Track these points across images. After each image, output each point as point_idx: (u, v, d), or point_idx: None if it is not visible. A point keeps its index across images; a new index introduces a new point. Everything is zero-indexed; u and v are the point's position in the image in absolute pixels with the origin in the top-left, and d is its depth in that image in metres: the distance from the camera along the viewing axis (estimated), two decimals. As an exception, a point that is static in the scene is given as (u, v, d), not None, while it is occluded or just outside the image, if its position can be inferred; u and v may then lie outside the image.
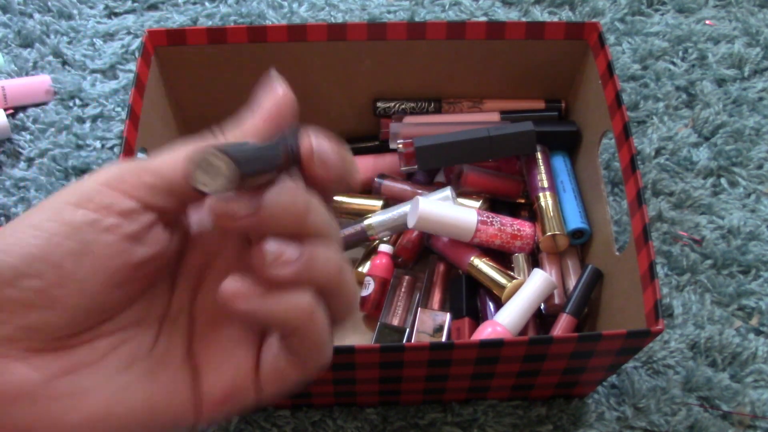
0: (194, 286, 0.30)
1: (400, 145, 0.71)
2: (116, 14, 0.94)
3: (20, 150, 0.81)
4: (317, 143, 0.28)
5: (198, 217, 0.30)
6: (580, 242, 0.71)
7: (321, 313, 0.27)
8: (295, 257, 0.26)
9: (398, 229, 0.71)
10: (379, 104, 0.77)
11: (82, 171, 0.79)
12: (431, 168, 0.74)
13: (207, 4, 0.94)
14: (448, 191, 0.70)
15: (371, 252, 0.74)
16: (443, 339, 0.66)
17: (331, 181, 0.28)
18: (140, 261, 0.27)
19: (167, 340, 0.29)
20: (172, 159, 0.27)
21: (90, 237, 0.26)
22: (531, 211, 0.73)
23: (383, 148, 0.77)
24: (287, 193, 0.27)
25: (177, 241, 0.29)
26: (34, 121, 0.83)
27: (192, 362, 0.29)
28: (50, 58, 0.89)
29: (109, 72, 0.88)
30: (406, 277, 0.71)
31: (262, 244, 0.26)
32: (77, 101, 0.85)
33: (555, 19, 0.93)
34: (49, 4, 0.93)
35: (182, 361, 0.29)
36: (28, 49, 0.89)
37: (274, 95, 0.30)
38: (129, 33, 0.91)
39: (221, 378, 0.28)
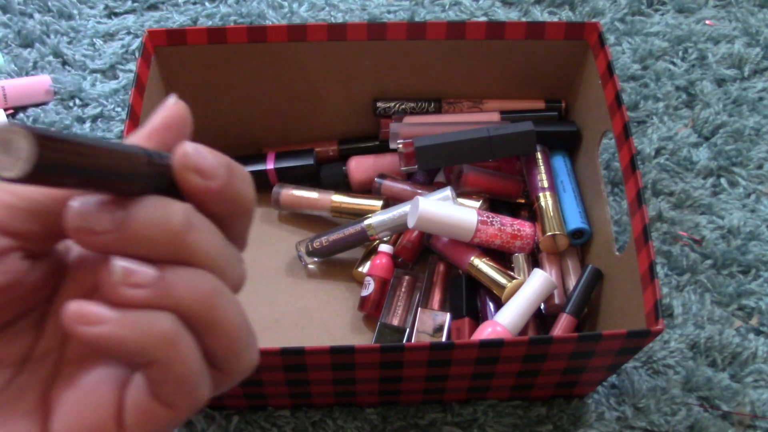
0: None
1: (400, 145, 0.71)
2: (116, 14, 0.94)
3: (20, 150, 0.81)
4: (193, 149, 0.24)
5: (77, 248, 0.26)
6: (580, 242, 0.71)
7: (187, 344, 0.24)
8: (151, 278, 0.23)
9: (398, 229, 0.71)
10: (379, 104, 0.77)
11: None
12: (431, 168, 0.74)
13: (207, 4, 0.94)
14: (448, 191, 0.70)
15: (371, 252, 0.74)
16: (443, 339, 0.66)
17: (215, 195, 0.24)
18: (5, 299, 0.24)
19: (25, 381, 0.25)
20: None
21: None
22: (531, 211, 0.73)
23: (383, 148, 0.77)
24: (158, 207, 0.23)
25: (42, 273, 0.25)
26: (34, 121, 0.83)
27: (48, 405, 0.25)
28: (50, 58, 0.89)
29: (109, 72, 0.88)
30: (406, 277, 0.71)
31: (108, 262, 0.23)
32: (77, 101, 0.85)
33: (555, 19, 0.93)
34: (49, 4, 0.93)
35: (37, 403, 0.25)
36: (28, 49, 0.89)
37: (165, 108, 0.26)
38: (129, 33, 0.91)
39: (74, 421, 0.24)
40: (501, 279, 0.67)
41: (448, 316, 0.67)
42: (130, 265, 0.23)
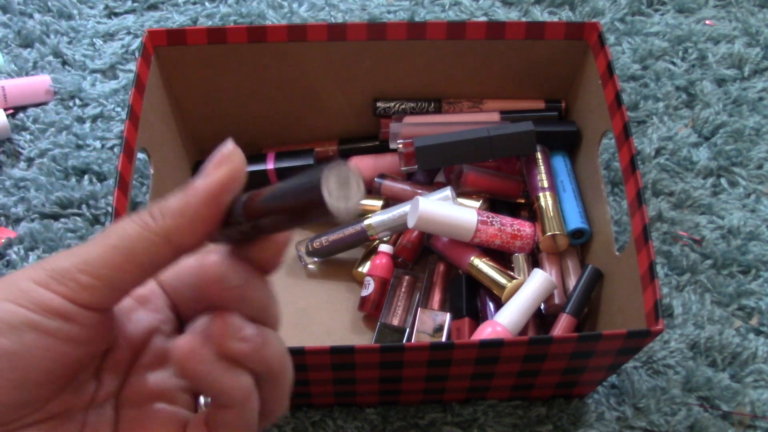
0: (123, 374, 0.29)
1: (400, 145, 0.71)
2: (116, 14, 0.94)
3: (20, 150, 0.81)
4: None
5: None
6: (580, 242, 0.71)
7: (256, 400, 0.28)
8: (252, 336, 0.27)
9: (398, 229, 0.71)
10: (379, 104, 0.77)
11: (82, 171, 0.79)
12: (431, 168, 0.74)
13: (207, 4, 0.94)
14: (448, 191, 0.70)
15: (371, 252, 0.74)
16: (443, 339, 0.66)
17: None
18: (78, 359, 0.27)
19: (94, 426, 0.28)
20: (108, 251, 0.26)
21: (28, 338, 0.25)
22: (531, 211, 0.73)
23: (383, 148, 0.77)
24: (268, 281, 0.28)
25: (106, 329, 0.28)
26: (34, 121, 0.83)
27: None
28: (50, 58, 0.89)
29: (109, 72, 0.88)
30: (406, 277, 0.71)
31: (227, 315, 0.27)
32: (77, 101, 0.85)
33: (555, 19, 0.93)
34: (49, 4, 0.93)
35: None
36: (28, 49, 0.89)
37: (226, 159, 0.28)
38: (129, 33, 0.91)
39: None
40: (501, 279, 0.67)
41: (448, 316, 0.67)
42: (243, 322, 0.27)
